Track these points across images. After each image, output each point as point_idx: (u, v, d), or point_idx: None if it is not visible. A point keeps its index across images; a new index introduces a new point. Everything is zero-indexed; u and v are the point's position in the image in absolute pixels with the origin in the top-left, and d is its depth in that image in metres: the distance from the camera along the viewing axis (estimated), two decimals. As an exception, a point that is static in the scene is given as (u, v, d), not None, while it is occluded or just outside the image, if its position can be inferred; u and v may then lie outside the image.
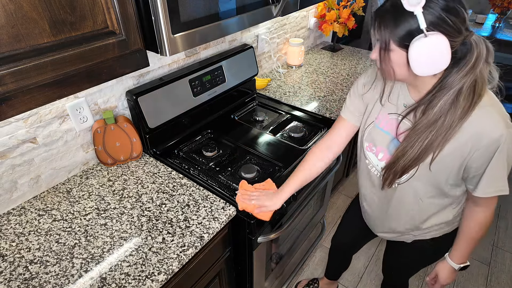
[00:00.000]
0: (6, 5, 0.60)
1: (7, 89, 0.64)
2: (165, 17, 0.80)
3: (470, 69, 0.70)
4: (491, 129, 0.73)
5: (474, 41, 0.69)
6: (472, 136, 0.75)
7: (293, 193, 1.06)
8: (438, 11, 0.66)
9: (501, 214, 2.26)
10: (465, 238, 0.94)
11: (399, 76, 0.78)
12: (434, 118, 0.75)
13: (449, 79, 0.72)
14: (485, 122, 0.73)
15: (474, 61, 0.69)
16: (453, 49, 0.68)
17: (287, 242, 1.50)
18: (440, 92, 0.74)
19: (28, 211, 1.06)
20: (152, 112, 1.25)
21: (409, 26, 0.68)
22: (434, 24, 0.66)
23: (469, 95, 0.72)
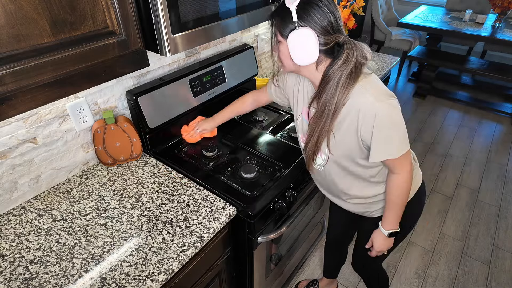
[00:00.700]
0: (6, 5, 0.60)
1: (7, 89, 0.64)
2: (165, 17, 0.80)
3: (342, 64, 0.85)
4: (363, 104, 0.87)
5: (345, 43, 0.85)
6: (354, 113, 0.89)
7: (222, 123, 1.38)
8: (311, 11, 0.82)
9: (501, 214, 2.26)
10: (389, 204, 1.03)
11: (288, 66, 0.94)
12: (322, 107, 0.90)
13: (328, 72, 0.87)
14: (359, 100, 0.87)
15: (345, 58, 0.84)
16: (327, 46, 0.84)
17: (287, 242, 1.50)
18: (323, 85, 0.89)
19: (28, 211, 1.06)
20: (152, 112, 1.25)
21: (289, 21, 0.83)
22: (306, 21, 0.82)
23: (346, 84, 0.86)
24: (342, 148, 0.97)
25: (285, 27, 0.85)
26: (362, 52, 0.87)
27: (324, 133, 0.94)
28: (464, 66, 3.40)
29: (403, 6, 4.79)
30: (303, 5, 0.82)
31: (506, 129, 3.15)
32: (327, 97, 0.88)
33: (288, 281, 1.77)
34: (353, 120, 0.90)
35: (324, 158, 1.04)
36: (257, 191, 1.14)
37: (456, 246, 2.05)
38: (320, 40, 0.83)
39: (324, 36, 0.83)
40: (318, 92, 0.91)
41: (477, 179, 2.56)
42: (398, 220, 1.05)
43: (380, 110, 0.86)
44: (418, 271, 1.90)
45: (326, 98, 0.89)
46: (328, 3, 0.83)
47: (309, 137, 0.98)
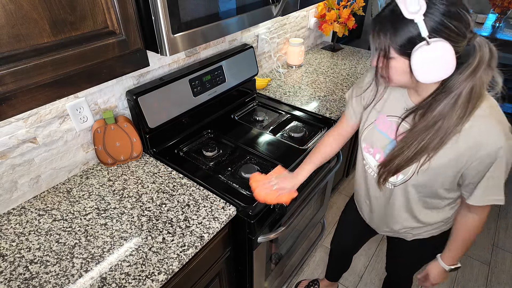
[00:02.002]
0: (6, 5, 0.60)
1: (7, 89, 0.64)
2: (165, 17, 0.80)
3: (471, 73, 0.68)
4: (490, 141, 0.72)
5: (477, 44, 0.67)
6: (471, 146, 0.74)
7: (308, 175, 1.11)
8: (439, 16, 0.64)
9: (501, 214, 2.26)
10: (457, 241, 0.95)
11: (399, 83, 0.77)
12: (432, 121, 0.74)
13: (449, 82, 0.71)
14: (485, 133, 0.72)
15: (476, 64, 0.68)
16: (458, 54, 0.66)
17: (287, 242, 1.50)
18: (440, 95, 0.73)
19: (28, 211, 1.06)
20: (152, 112, 1.25)
21: (409, 33, 0.66)
22: (436, 31, 0.64)
23: (467, 100, 0.70)
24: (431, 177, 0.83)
25: (402, 40, 0.67)
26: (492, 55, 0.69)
27: (425, 150, 0.77)
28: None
29: (403, 6, 4.79)
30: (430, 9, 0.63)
31: (506, 129, 3.15)
32: (444, 109, 0.71)
33: (288, 281, 1.77)
34: (465, 151, 0.75)
35: (401, 179, 0.89)
36: (257, 191, 1.14)
37: (456, 246, 2.05)
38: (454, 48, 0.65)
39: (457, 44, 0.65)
40: (427, 103, 0.75)
41: (477, 179, 2.56)
42: (460, 257, 0.97)
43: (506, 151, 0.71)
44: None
45: (443, 110, 0.72)
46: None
47: (400, 151, 0.81)
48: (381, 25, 0.71)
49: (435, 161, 0.79)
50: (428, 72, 0.67)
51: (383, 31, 0.70)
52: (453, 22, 0.64)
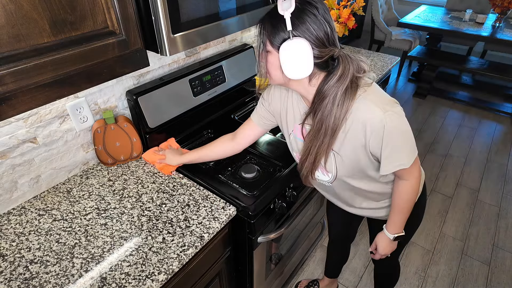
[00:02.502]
0: (6, 5, 0.60)
1: (7, 89, 0.64)
2: (165, 17, 0.80)
3: (338, 80, 0.79)
4: (369, 116, 0.82)
5: (341, 57, 0.80)
6: (359, 128, 0.84)
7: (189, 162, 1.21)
8: (306, 20, 0.75)
9: (501, 214, 2.26)
10: (395, 209, 1.01)
11: (277, 79, 0.87)
12: (319, 124, 0.85)
13: (322, 89, 0.82)
14: (363, 112, 0.82)
15: (341, 73, 0.79)
16: (322, 59, 0.78)
17: (287, 242, 1.50)
18: (318, 102, 0.84)
19: (28, 211, 1.06)
20: (152, 112, 1.25)
21: (282, 30, 0.76)
22: (301, 31, 0.75)
23: (343, 98, 0.81)
24: (351, 165, 0.93)
25: (277, 36, 0.78)
26: (358, 65, 0.82)
27: (322, 152, 0.89)
28: (464, 66, 3.40)
29: (403, 6, 4.79)
30: (298, 12, 0.75)
31: (506, 129, 3.15)
32: (324, 114, 0.83)
33: (288, 281, 1.77)
34: (359, 135, 0.85)
35: (331, 177, 1.00)
36: (257, 191, 1.14)
37: (456, 246, 2.05)
38: (315, 53, 0.77)
39: (319, 49, 0.77)
40: (312, 109, 0.86)
41: (477, 179, 2.56)
42: (403, 224, 1.03)
43: (388, 121, 0.81)
44: (418, 271, 1.90)
45: (323, 116, 0.83)
46: (324, 12, 0.77)
47: (305, 155, 0.93)
48: (263, 22, 0.81)
49: (342, 152, 0.90)
50: (292, 67, 0.78)
51: (264, 27, 0.81)
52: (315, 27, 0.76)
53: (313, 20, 0.75)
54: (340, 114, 0.82)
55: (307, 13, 0.75)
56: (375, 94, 0.85)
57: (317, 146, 0.88)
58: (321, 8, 0.77)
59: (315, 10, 0.76)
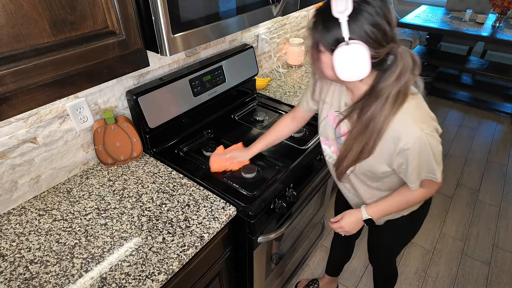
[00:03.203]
0: (6, 5, 0.60)
1: (7, 89, 0.64)
2: (165, 17, 0.80)
3: (396, 79, 0.76)
4: (405, 134, 0.81)
5: (399, 54, 0.76)
6: (393, 140, 0.83)
7: (260, 151, 1.24)
8: (363, 22, 0.71)
9: (501, 214, 2.26)
10: (390, 200, 0.99)
11: (329, 77, 0.83)
12: (365, 124, 0.83)
13: (377, 87, 0.79)
14: (402, 128, 0.81)
15: (399, 71, 0.76)
16: (377, 59, 0.74)
17: (287, 242, 1.50)
18: (370, 99, 0.81)
19: (28, 211, 1.06)
20: (152, 112, 1.25)
21: (336, 33, 0.72)
22: (357, 34, 0.71)
23: (393, 102, 0.79)
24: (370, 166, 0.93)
25: (330, 38, 0.74)
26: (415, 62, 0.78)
27: (366, 150, 0.86)
28: (464, 66, 3.40)
29: (403, 6, 4.79)
30: (354, 13, 0.70)
31: (506, 129, 3.15)
32: (374, 112, 0.80)
33: (288, 281, 1.77)
34: (390, 146, 0.84)
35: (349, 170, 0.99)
36: (257, 191, 1.14)
37: (456, 246, 2.05)
38: (371, 54, 0.72)
39: (376, 49, 0.73)
40: (360, 105, 0.83)
41: (477, 179, 2.56)
42: (382, 215, 1.02)
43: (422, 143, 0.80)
44: (418, 271, 1.90)
45: (373, 114, 0.80)
46: (382, 8, 0.71)
47: (346, 152, 0.91)
48: (316, 19, 0.78)
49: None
50: (346, 71, 0.75)
51: (316, 26, 0.77)
52: (373, 30, 0.71)
53: (371, 20, 0.71)
54: (389, 114, 0.80)
55: (364, 14, 0.70)
56: (419, 107, 0.83)
57: (362, 144, 0.86)
58: (379, 4, 0.71)
59: (372, 9, 0.70)
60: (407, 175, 0.88)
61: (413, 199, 0.98)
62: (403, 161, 0.85)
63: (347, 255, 1.65)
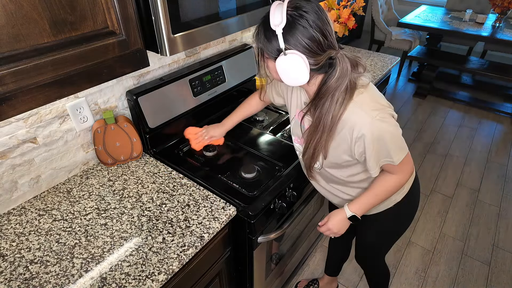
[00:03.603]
0: (6, 5, 0.60)
1: (7, 89, 0.64)
2: (165, 17, 0.80)
3: (337, 80, 0.83)
4: (357, 123, 0.86)
5: (338, 59, 0.82)
6: (347, 130, 0.88)
7: (231, 128, 1.35)
8: (297, 34, 0.77)
9: (501, 214, 2.26)
10: (370, 192, 1.01)
11: (278, 80, 0.89)
12: (317, 121, 0.89)
13: (323, 87, 0.85)
14: (353, 118, 0.86)
15: (339, 74, 0.82)
16: (318, 65, 0.81)
17: (287, 242, 1.50)
18: (317, 100, 0.87)
19: (28, 211, 1.06)
20: (152, 112, 1.25)
21: (276, 43, 0.79)
22: (293, 45, 0.77)
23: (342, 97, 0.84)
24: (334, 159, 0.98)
25: (271, 47, 0.81)
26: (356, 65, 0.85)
27: (320, 147, 0.93)
28: (464, 66, 3.40)
29: (403, 6, 4.80)
30: (289, 27, 0.76)
31: (506, 129, 3.16)
32: (322, 111, 0.87)
33: (288, 281, 1.77)
34: (346, 137, 0.90)
35: (317, 165, 1.05)
36: (257, 191, 1.14)
37: (456, 246, 2.05)
38: (310, 61, 0.79)
39: (314, 58, 0.79)
40: (312, 104, 0.90)
41: (477, 179, 2.56)
42: (366, 210, 1.03)
43: (374, 129, 0.85)
44: (418, 271, 1.90)
45: (321, 113, 0.87)
46: (317, 20, 0.77)
47: (305, 149, 0.98)
48: (259, 29, 0.84)
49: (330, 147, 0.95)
50: (288, 78, 0.83)
51: (259, 36, 0.83)
52: (306, 41, 0.77)
53: (305, 33, 0.76)
54: (337, 112, 0.86)
55: (298, 27, 0.76)
56: (367, 98, 0.88)
57: (315, 141, 0.93)
58: (313, 18, 0.76)
59: (305, 22, 0.76)
60: (367, 162, 0.92)
61: (389, 187, 0.99)
62: (362, 150, 0.89)
63: (345, 254, 1.65)
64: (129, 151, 1.25)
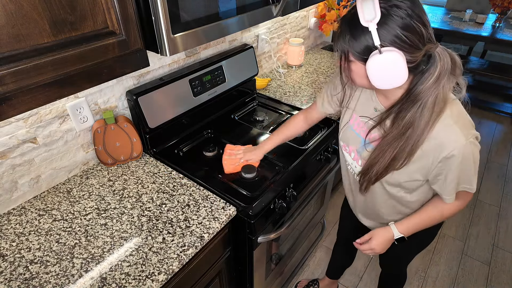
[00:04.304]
0: (6, 5, 0.60)
1: (7, 89, 0.64)
2: (165, 17, 0.80)
3: (435, 81, 0.71)
4: (450, 142, 0.76)
5: (438, 54, 0.70)
6: (434, 148, 0.78)
7: (271, 149, 1.23)
8: (394, 28, 0.66)
9: (501, 214, 2.26)
10: (423, 215, 0.94)
11: (362, 85, 0.80)
12: (403, 130, 0.78)
13: (415, 90, 0.74)
14: (446, 135, 0.76)
15: (438, 73, 0.71)
16: (414, 63, 0.70)
17: (287, 242, 1.50)
18: (407, 104, 0.76)
19: (28, 211, 1.06)
20: (152, 112, 1.25)
21: (366, 41, 0.69)
22: (390, 41, 0.67)
23: (432, 107, 0.74)
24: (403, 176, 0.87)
25: (360, 47, 0.70)
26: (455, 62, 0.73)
27: (402, 157, 0.80)
28: (464, 66, 3.39)
29: (403, 6, 4.78)
30: (384, 20, 0.65)
31: (506, 129, 3.15)
32: (413, 117, 0.75)
33: (288, 281, 1.78)
34: (430, 153, 0.79)
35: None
36: (257, 191, 1.14)
37: (456, 246, 2.05)
38: (408, 59, 0.68)
39: (412, 54, 0.68)
40: (396, 110, 0.78)
41: (477, 179, 2.56)
42: (414, 232, 0.96)
43: (466, 152, 0.76)
44: (418, 271, 1.90)
45: (412, 118, 0.75)
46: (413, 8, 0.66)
47: (377, 160, 0.84)
48: (342, 29, 0.73)
49: None
50: (382, 79, 0.71)
51: (343, 35, 0.73)
52: (406, 34, 0.66)
53: (402, 24, 0.66)
54: (429, 120, 0.74)
55: (395, 19, 0.66)
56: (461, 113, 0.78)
57: (397, 151, 0.80)
58: (411, 7, 0.67)
59: (403, 12, 0.66)
60: (445, 186, 0.83)
61: (446, 213, 0.92)
62: (442, 171, 0.80)
63: (350, 260, 1.64)
64: (129, 151, 1.25)
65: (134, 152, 1.26)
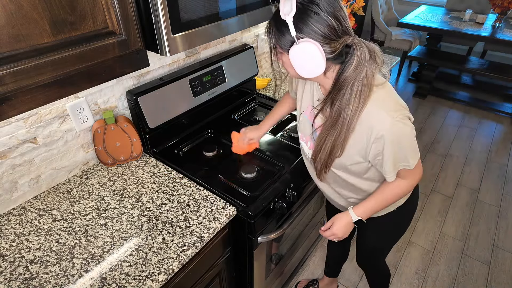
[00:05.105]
0: (6, 5, 0.60)
1: (7, 89, 0.64)
2: (165, 17, 0.80)
3: (354, 70, 0.78)
4: (378, 123, 0.81)
5: (355, 45, 0.77)
6: (365, 131, 0.84)
7: (270, 128, 1.31)
8: (311, 21, 0.74)
9: (501, 214, 2.26)
10: (377, 196, 0.98)
11: (293, 75, 0.88)
12: (335, 116, 0.84)
13: (341, 77, 0.80)
14: (373, 118, 0.82)
15: (357, 62, 0.77)
16: (334, 53, 0.77)
17: (287, 242, 1.50)
18: (335, 92, 0.82)
19: (28, 211, 1.06)
20: (152, 112, 1.25)
21: (287, 33, 0.76)
22: (306, 33, 0.75)
23: (359, 91, 0.80)
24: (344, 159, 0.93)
25: (284, 39, 0.78)
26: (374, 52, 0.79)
27: (339, 143, 0.87)
28: (464, 66, 3.40)
29: (403, 6, 4.79)
30: (300, 14, 0.73)
31: (506, 129, 3.16)
32: (342, 104, 0.82)
33: (288, 281, 1.77)
34: (362, 137, 0.85)
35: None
36: (257, 191, 1.14)
37: (456, 246, 2.05)
38: (325, 49, 0.75)
39: (329, 45, 0.75)
40: (330, 98, 0.84)
41: (477, 179, 2.56)
42: (372, 214, 1.01)
43: (395, 131, 0.82)
44: (419, 271, 1.90)
45: (341, 106, 0.82)
46: (327, 6, 0.74)
47: (320, 147, 0.92)
48: (270, 23, 0.81)
49: None
50: (303, 68, 0.79)
51: (271, 30, 0.81)
52: (319, 26, 0.74)
53: (317, 19, 0.73)
54: (357, 105, 0.81)
55: (309, 13, 0.73)
56: (388, 96, 0.84)
57: (333, 137, 0.87)
58: (324, 3, 0.74)
59: (317, 8, 0.73)
60: (383, 166, 0.89)
61: (399, 192, 0.97)
62: (378, 152, 0.86)
63: (344, 255, 1.66)
64: (129, 151, 1.25)
65: (134, 152, 1.26)
